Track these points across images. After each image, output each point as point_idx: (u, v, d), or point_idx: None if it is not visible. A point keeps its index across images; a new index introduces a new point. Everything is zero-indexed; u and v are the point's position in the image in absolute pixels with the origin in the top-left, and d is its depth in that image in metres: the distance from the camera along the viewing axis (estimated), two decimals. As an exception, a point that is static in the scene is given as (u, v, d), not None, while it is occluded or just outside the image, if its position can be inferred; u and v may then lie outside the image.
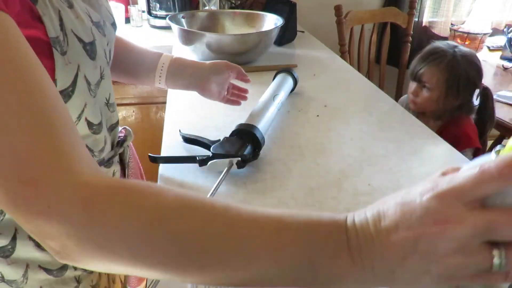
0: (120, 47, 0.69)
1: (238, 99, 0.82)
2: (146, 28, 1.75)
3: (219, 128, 0.80)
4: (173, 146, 0.74)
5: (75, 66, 0.43)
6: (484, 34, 1.97)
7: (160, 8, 1.68)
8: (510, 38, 1.88)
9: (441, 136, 0.80)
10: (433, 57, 1.23)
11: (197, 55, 1.19)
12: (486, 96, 1.28)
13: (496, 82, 1.70)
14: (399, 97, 1.69)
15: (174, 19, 1.22)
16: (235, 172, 0.65)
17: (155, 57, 0.73)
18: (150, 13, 1.72)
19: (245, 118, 0.73)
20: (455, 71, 1.20)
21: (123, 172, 0.65)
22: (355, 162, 0.70)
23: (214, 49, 1.13)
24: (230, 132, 0.70)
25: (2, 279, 0.49)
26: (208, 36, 1.12)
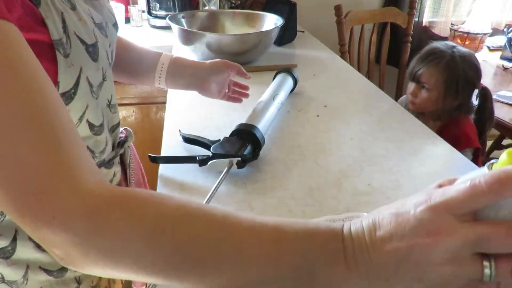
0: (120, 47, 0.69)
1: (240, 96, 0.83)
2: (146, 28, 1.75)
3: (219, 128, 0.80)
4: (173, 146, 0.74)
5: (77, 68, 0.43)
6: (484, 34, 1.97)
7: (160, 8, 1.68)
8: (510, 38, 1.88)
9: (440, 137, 0.80)
10: (431, 57, 1.23)
11: (197, 55, 1.19)
12: (485, 96, 1.28)
13: (496, 82, 1.70)
14: (399, 97, 1.69)
15: (174, 19, 1.22)
16: (235, 172, 0.65)
17: (155, 57, 0.73)
18: (150, 13, 1.72)
19: (245, 118, 0.73)
20: (454, 71, 1.20)
21: (124, 173, 0.65)
22: (355, 162, 0.70)
23: (214, 49, 1.13)
24: (230, 132, 0.70)
25: (3, 280, 0.49)
26: (208, 36, 1.12)
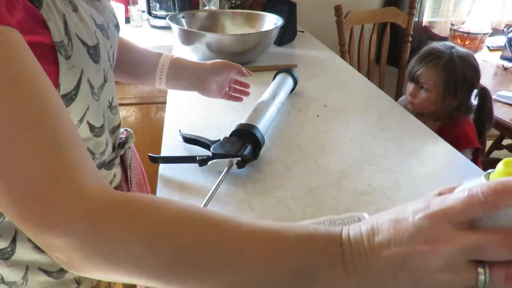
0: (121, 47, 0.69)
1: (241, 95, 0.82)
2: (146, 28, 1.75)
3: (219, 128, 0.80)
4: (173, 146, 0.74)
5: (78, 70, 0.43)
6: (484, 34, 1.97)
7: (160, 8, 1.68)
8: (510, 38, 1.88)
9: (440, 137, 0.80)
10: (430, 58, 1.23)
11: (197, 55, 1.19)
12: (484, 96, 1.28)
13: (496, 82, 1.70)
14: (399, 97, 1.69)
15: (174, 19, 1.22)
16: (235, 172, 0.65)
17: (155, 57, 0.73)
18: (150, 13, 1.72)
19: (245, 118, 0.73)
20: (453, 71, 1.20)
21: (124, 173, 0.65)
22: (355, 162, 0.70)
23: (214, 49, 1.13)
24: (230, 132, 0.70)
25: (2, 280, 0.49)
26: (208, 36, 1.12)
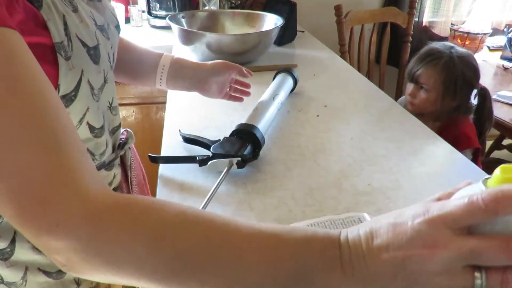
0: (121, 48, 0.69)
1: (241, 95, 0.82)
2: (146, 28, 1.75)
3: (219, 128, 0.80)
4: (173, 146, 0.74)
5: (78, 71, 0.43)
6: (484, 34, 1.97)
7: (160, 8, 1.68)
8: (510, 38, 1.88)
9: (440, 137, 0.80)
10: (429, 58, 1.23)
11: (197, 55, 1.19)
12: (484, 96, 1.28)
13: (496, 82, 1.71)
14: (399, 97, 1.69)
15: (174, 19, 1.22)
16: (235, 172, 0.65)
17: (156, 58, 0.73)
18: (150, 13, 1.72)
19: (245, 118, 0.73)
20: (452, 72, 1.19)
21: (124, 174, 0.64)
22: (355, 162, 0.70)
23: (214, 49, 1.13)
24: (230, 132, 0.70)
25: (2, 281, 0.49)
26: (208, 36, 1.12)
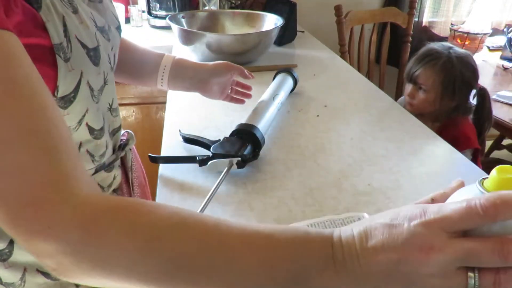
0: (122, 48, 0.69)
1: (242, 97, 0.82)
2: (146, 28, 1.75)
3: (219, 128, 0.80)
4: (173, 146, 0.74)
5: (78, 72, 0.43)
6: (484, 34, 1.97)
7: (160, 8, 1.68)
8: (510, 38, 1.88)
9: (440, 137, 0.80)
10: (428, 58, 1.23)
11: (197, 55, 1.19)
12: (483, 96, 1.28)
13: (496, 82, 1.71)
14: (399, 97, 1.69)
15: (174, 19, 1.22)
16: (235, 172, 0.65)
17: (157, 58, 0.73)
18: (150, 13, 1.72)
19: (245, 118, 0.73)
20: (451, 72, 1.19)
21: (125, 176, 0.64)
22: (355, 162, 0.70)
23: (214, 49, 1.13)
24: (230, 132, 0.70)
25: (0, 282, 0.49)
26: (208, 36, 1.12)
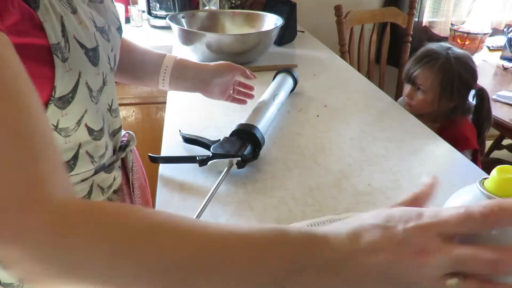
0: (123, 48, 0.68)
1: (244, 97, 0.82)
2: (146, 28, 1.75)
3: (219, 128, 0.80)
4: (173, 146, 0.74)
5: (76, 73, 0.43)
6: (484, 34, 1.97)
7: (160, 8, 1.68)
8: (510, 38, 1.88)
9: (440, 137, 0.80)
10: (426, 59, 1.22)
11: (197, 55, 1.19)
12: (482, 96, 1.28)
13: (496, 82, 1.70)
14: (399, 97, 1.69)
15: (174, 19, 1.22)
16: (235, 172, 0.65)
17: (158, 59, 0.72)
18: (150, 13, 1.72)
19: (245, 118, 0.73)
20: (449, 73, 1.19)
21: (125, 177, 0.64)
22: (355, 162, 0.70)
23: (214, 49, 1.13)
24: (230, 132, 0.70)
25: None
26: (208, 36, 1.12)
